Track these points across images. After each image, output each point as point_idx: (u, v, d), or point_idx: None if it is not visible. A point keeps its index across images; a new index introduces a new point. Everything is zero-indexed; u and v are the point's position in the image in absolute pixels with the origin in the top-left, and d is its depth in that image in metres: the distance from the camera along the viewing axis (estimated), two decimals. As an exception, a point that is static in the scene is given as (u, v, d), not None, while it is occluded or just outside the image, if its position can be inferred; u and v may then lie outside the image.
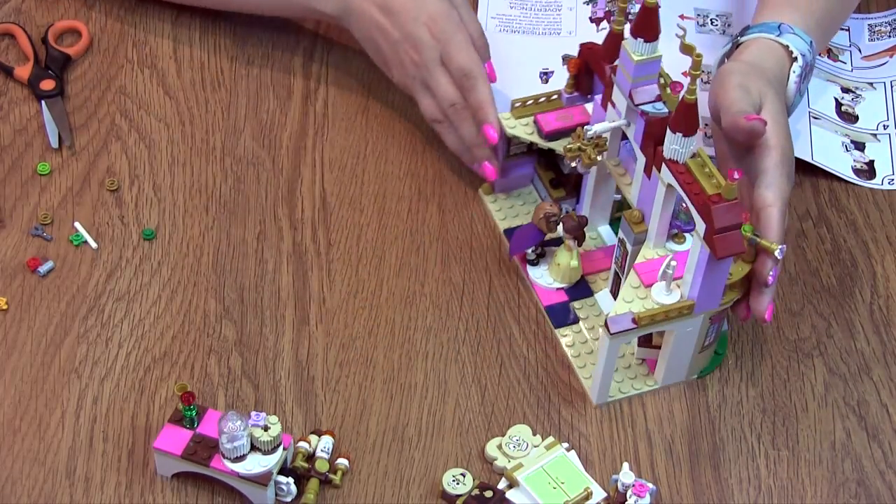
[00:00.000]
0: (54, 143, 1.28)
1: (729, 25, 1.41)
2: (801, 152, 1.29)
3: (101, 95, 1.33)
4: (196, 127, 1.31)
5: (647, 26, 1.04)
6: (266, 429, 1.03)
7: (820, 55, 1.39)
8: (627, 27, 1.08)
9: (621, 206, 1.20)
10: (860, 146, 1.32)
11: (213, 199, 1.25)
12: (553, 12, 1.42)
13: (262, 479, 1.03)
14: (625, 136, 1.13)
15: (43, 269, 1.19)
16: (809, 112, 1.33)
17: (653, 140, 1.06)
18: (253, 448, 1.04)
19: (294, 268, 1.20)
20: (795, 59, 1.21)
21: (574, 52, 1.37)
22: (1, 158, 1.27)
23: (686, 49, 1.00)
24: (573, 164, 1.15)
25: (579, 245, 1.18)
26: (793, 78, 1.21)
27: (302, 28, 1.40)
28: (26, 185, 1.25)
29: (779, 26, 1.22)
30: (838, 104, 1.35)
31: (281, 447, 1.04)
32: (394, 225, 1.24)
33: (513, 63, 1.37)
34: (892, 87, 1.37)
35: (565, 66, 1.22)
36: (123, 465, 1.07)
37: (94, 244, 1.21)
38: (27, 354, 1.14)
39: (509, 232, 1.23)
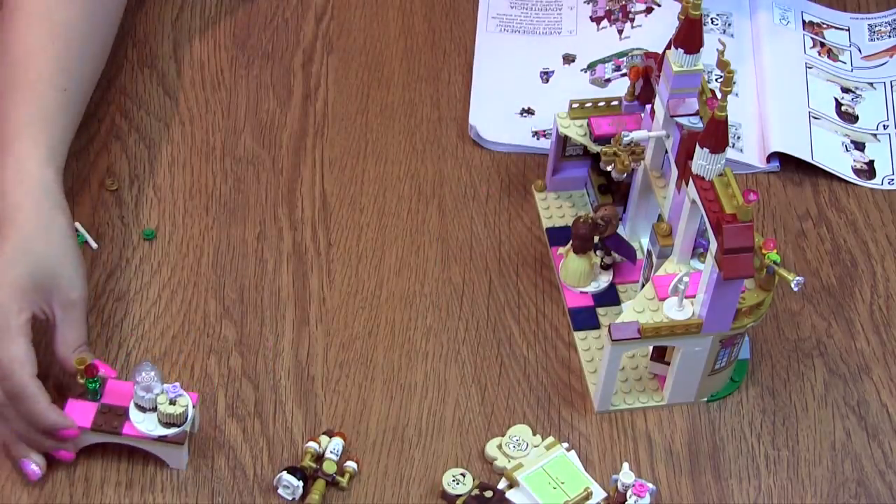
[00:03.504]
0: (54, 143, 1.28)
1: (729, 25, 1.41)
2: (801, 152, 1.29)
3: (101, 95, 1.33)
4: (196, 127, 1.31)
5: (690, 37, 1.02)
6: (172, 403, 1.03)
7: (820, 55, 1.39)
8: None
9: None
10: (860, 146, 1.32)
11: (213, 199, 1.25)
12: (553, 11, 1.42)
13: (177, 439, 1.04)
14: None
15: (43, 269, 1.19)
16: (809, 112, 1.33)
17: (686, 154, 1.04)
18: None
19: (294, 268, 1.20)
20: None
21: (575, 51, 1.38)
22: (1, 158, 1.27)
23: (721, 65, 0.98)
24: (608, 168, 1.15)
25: (581, 252, 1.17)
26: None
27: (302, 28, 1.40)
28: (26, 185, 1.25)
29: None
30: (838, 104, 1.35)
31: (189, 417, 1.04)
32: (394, 225, 1.24)
33: (513, 63, 1.37)
34: (892, 87, 1.37)
35: (627, 75, 1.20)
36: (123, 465, 1.07)
37: (94, 244, 1.21)
38: (27, 354, 1.14)
39: (551, 231, 1.23)
